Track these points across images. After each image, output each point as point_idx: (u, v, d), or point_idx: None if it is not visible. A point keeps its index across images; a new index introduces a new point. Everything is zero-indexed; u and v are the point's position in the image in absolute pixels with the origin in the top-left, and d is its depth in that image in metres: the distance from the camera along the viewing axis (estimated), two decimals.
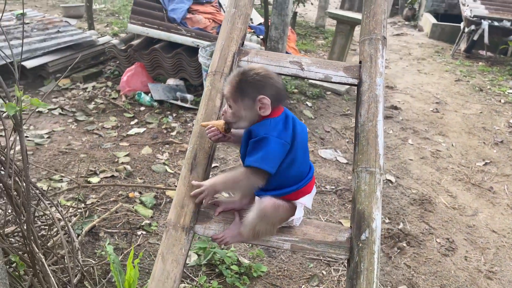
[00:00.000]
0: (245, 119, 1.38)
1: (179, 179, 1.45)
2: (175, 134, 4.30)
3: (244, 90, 1.35)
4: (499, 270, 2.84)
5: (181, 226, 1.39)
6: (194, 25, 5.34)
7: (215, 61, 1.58)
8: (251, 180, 1.35)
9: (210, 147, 1.48)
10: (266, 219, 1.38)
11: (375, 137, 1.50)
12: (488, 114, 5.32)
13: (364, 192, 1.44)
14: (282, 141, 1.33)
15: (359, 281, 1.34)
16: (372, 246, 1.37)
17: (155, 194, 3.29)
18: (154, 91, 4.97)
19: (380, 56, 1.62)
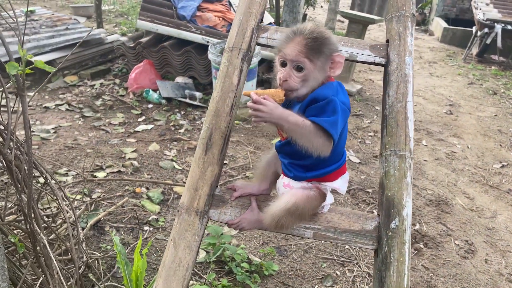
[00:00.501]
0: (312, 83, 1.23)
1: (193, 160, 1.35)
2: (183, 132, 4.20)
3: (321, 48, 1.21)
4: None
5: (195, 210, 1.28)
6: (203, 23, 5.27)
7: (233, 37, 1.49)
8: (320, 141, 1.17)
9: (227, 127, 1.38)
10: (297, 213, 1.26)
11: (405, 119, 1.38)
12: (503, 117, 5.19)
13: (393, 177, 1.32)
14: (344, 107, 1.22)
15: (388, 273, 1.22)
16: (402, 236, 1.26)
17: (162, 190, 3.19)
18: (163, 89, 4.89)
19: (410, 34, 1.51)
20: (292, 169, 1.30)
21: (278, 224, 1.26)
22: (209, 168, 1.32)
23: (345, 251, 2.77)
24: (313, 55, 1.20)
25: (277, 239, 2.83)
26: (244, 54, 1.46)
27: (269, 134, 4.22)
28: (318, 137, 1.17)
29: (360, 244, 1.31)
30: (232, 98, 1.40)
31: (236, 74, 1.43)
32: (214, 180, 1.33)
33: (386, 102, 1.44)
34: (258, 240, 2.79)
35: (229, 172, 3.53)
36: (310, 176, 1.29)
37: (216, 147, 1.35)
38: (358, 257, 2.72)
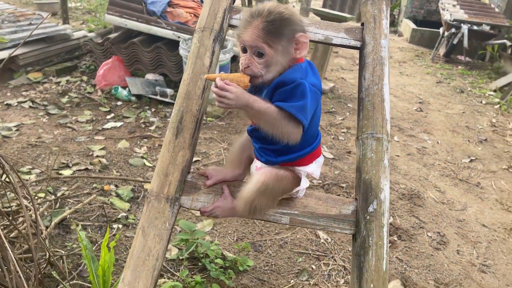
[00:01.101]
0: (277, 67, 1.17)
1: (163, 145, 1.28)
2: (154, 129, 4.09)
3: (280, 30, 1.14)
4: (493, 264, 2.75)
5: (165, 196, 1.21)
6: (174, 19, 5.17)
7: (204, 17, 1.42)
8: (287, 127, 1.12)
9: (198, 110, 1.31)
10: (267, 192, 1.19)
11: (381, 101, 1.36)
12: (471, 114, 5.31)
13: (370, 160, 1.29)
14: (314, 89, 1.16)
15: (367, 257, 1.19)
16: (381, 219, 1.22)
17: (132, 188, 3.08)
18: (132, 86, 4.75)
19: (385, 17, 1.49)
20: (263, 153, 1.25)
21: (252, 208, 1.20)
22: (180, 152, 1.25)
23: (320, 245, 2.74)
24: (273, 39, 1.13)
25: (252, 234, 2.78)
26: (216, 35, 1.40)
27: (243, 131, 4.17)
28: (285, 123, 1.12)
29: (337, 229, 1.27)
30: (203, 80, 1.34)
31: (207, 55, 1.37)
32: (185, 165, 1.26)
33: (362, 85, 1.41)
34: (232, 236, 2.73)
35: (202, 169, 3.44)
36: (281, 161, 1.24)
37: (188, 131, 1.28)
38: (334, 251, 2.70)
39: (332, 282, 2.46)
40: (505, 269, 2.70)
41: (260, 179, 1.18)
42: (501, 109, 5.53)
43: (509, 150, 4.38)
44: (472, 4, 7.99)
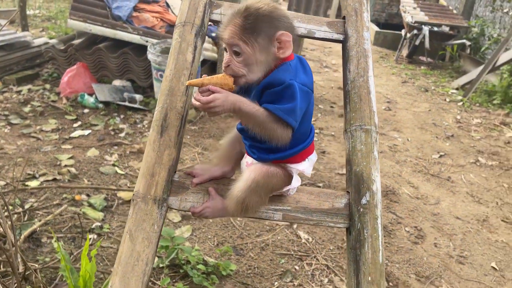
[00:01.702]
0: (259, 67, 1.12)
1: (147, 144, 1.21)
2: (124, 136, 3.98)
3: (257, 27, 1.09)
4: (469, 255, 2.81)
5: (152, 197, 1.15)
6: (141, 23, 5.06)
7: (184, 11, 1.38)
8: (276, 130, 1.10)
9: (183, 107, 1.26)
10: (258, 190, 1.15)
11: (367, 93, 1.35)
12: (436, 111, 5.47)
13: (360, 152, 1.28)
14: (305, 89, 1.12)
15: (363, 250, 1.17)
16: (374, 211, 1.21)
17: (105, 196, 2.97)
18: (99, 92, 4.61)
19: (365, 10, 1.49)
20: (255, 150, 1.21)
21: (243, 207, 1.15)
22: (166, 151, 1.20)
23: (302, 245, 2.72)
24: (248, 36, 1.09)
25: (232, 238, 2.73)
26: (197, 29, 1.36)
27: (217, 135, 4.11)
28: (273, 126, 1.10)
29: (331, 223, 1.24)
30: (187, 76, 1.29)
31: (190, 50, 1.32)
32: (172, 164, 1.20)
33: (348, 78, 1.40)
34: (212, 241, 2.67)
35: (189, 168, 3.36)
36: (274, 158, 1.20)
37: (173, 128, 1.22)
38: (315, 250, 2.68)
39: (316, 281, 2.45)
40: (481, 259, 2.77)
41: (251, 177, 1.14)
42: (464, 106, 5.72)
43: (475, 145, 4.53)
44: (431, 6, 8.27)
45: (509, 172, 3.99)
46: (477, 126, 5.07)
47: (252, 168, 1.18)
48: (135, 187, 1.17)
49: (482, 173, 3.93)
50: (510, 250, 2.88)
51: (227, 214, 1.21)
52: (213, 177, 1.25)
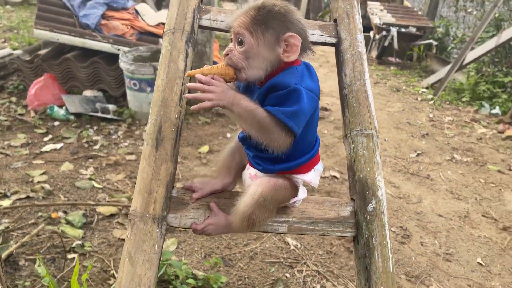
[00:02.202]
0: (259, 63, 1.07)
1: (142, 159, 1.14)
2: (99, 148, 3.83)
3: (267, 21, 1.04)
4: (455, 252, 2.84)
5: (151, 216, 1.07)
6: (110, 31, 4.92)
7: (173, 18, 1.31)
8: (277, 134, 1.04)
9: (177, 118, 1.19)
10: (266, 204, 1.09)
11: (365, 97, 1.32)
12: (410, 111, 5.57)
13: (363, 157, 1.25)
14: (311, 95, 1.07)
15: (373, 259, 1.13)
16: (381, 218, 1.18)
17: (84, 212, 2.84)
18: (70, 104, 4.44)
19: (357, 12, 1.47)
20: (260, 161, 1.15)
21: (250, 223, 1.09)
22: (163, 166, 1.13)
23: (291, 252, 2.68)
24: (256, 28, 1.05)
25: (220, 249, 2.65)
26: (188, 36, 1.29)
27: (195, 143, 4.03)
28: (273, 130, 1.04)
29: (338, 232, 1.20)
30: (180, 85, 1.23)
31: (181, 58, 1.26)
32: (169, 180, 1.14)
33: (344, 82, 1.37)
34: (199, 253, 2.59)
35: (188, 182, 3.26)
36: (279, 169, 1.15)
37: (168, 141, 1.16)
38: (305, 256, 2.64)
39: None
40: (467, 256, 2.80)
41: (258, 191, 1.09)
42: (435, 104, 5.85)
43: (449, 142, 4.62)
44: (397, 8, 8.46)
45: (484, 168, 4.08)
46: (449, 123, 5.19)
47: (258, 181, 1.12)
48: (132, 206, 1.09)
49: (459, 170, 4.01)
50: (493, 245, 2.93)
51: (231, 231, 1.15)
52: (213, 191, 1.19)
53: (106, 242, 2.58)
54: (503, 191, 3.67)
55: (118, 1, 5.36)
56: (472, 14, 7.36)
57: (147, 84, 4.26)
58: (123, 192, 3.15)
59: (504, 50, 6.03)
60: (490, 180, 3.83)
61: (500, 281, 2.58)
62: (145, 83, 4.25)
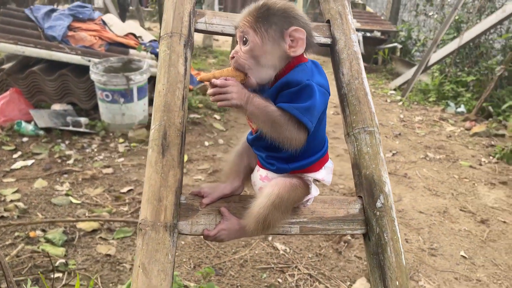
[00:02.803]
0: (267, 62, 1.06)
1: (148, 167, 1.10)
2: (73, 162, 3.70)
3: (270, 18, 1.05)
4: (439, 246, 2.91)
5: (163, 224, 1.04)
6: (78, 43, 4.79)
7: (169, 22, 1.28)
8: (292, 131, 1.03)
9: (181, 123, 1.16)
10: (282, 205, 1.08)
11: (365, 95, 1.34)
12: (381, 112, 5.70)
13: (367, 154, 1.26)
14: (323, 90, 1.07)
15: (386, 255, 1.14)
16: (390, 213, 1.19)
17: (63, 230, 2.72)
18: (39, 119, 4.27)
19: (349, 13, 1.49)
20: (274, 161, 1.14)
21: (265, 225, 1.07)
22: (171, 172, 1.09)
23: (281, 257, 2.67)
24: (259, 25, 1.06)
25: (209, 258, 2.61)
26: (185, 40, 1.27)
27: None
28: (287, 126, 1.03)
29: (348, 230, 1.20)
30: (181, 89, 1.20)
31: (181, 62, 1.23)
32: (178, 186, 1.10)
33: (342, 81, 1.38)
34: (188, 264, 2.53)
35: (138, 198, 3.18)
36: (293, 168, 1.14)
37: (174, 146, 1.12)
38: (295, 260, 2.64)
39: None
40: (450, 249, 2.88)
41: (274, 192, 1.07)
42: (404, 105, 6.02)
43: (421, 141, 4.76)
44: (361, 13, 8.69)
45: (456, 164, 4.23)
46: (419, 123, 5.35)
47: (273, 182, 1.10)
48: (141, 215, 1.05)
49: (433, 167, 4.13)
50: (474, 237, 3.03)
51: (245, 235, 1.13)
52: (223, 195, 1.16)
53: (91, 259, 2.48)
54: (476, 185, 3.80)
55: (84, 12, 5.24)
56: (433, 18, 7.66)
57: (120, 95, 4.17)
58: (103, 206, 3.05)
59: (465, 51, 6.29)
60: (463, 176, 3.97)
61: (484, 273, 2.66)
62: (118, 94, 4.16)
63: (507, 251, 2.88)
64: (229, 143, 4.27)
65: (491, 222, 3.21)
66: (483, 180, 3.90)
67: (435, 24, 7.56)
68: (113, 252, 2.55)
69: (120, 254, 2.55)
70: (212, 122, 4.71)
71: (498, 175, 4.01)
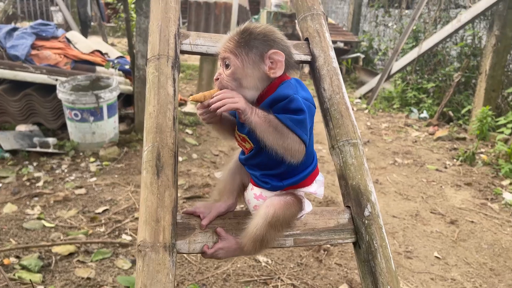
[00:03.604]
0: (248, 82, 1.11)
1: (143, 188, 1.11)
2: (43, 185, 3.60)
3: (250, 42, 1.10)
4: (414, 249, 3.02)
5: (162, 245, 1.05)
6: (42, 61, 4.69)
7: (156, 44, 1.30)
8: (294, 141, 1.06)
9: (174, 143, 1.18)
10: (278, 224, 1.11)
11: (346, 109, 1.40)
12: None
13: (353, 166, 1.31)
14: (308, 104, 1.11)
15: (377, 261, 1.19)
16: (377, 221, 1.25)
17: (39, 255, 2.64)
18: (3, 141, 4.13)
19: (326, 31, 1.56)
20: (268, 179, 1.17)
21: (263, 244, 1.11)
22: (166, 192, 1.11)
23: (263, 269, 2.69)
24: (239, 50, 1.11)
25: (191, 275, 2.60)
26: (173, 61, 1.29)
27: None
28: (288, 135, 1.07)
29: (339, 240, 1.25)
30: (172, 110, 1.22)
31: (170, 83, 1.25)
32: (174, 206, 1.12)
33: (324, 96, 1.44)
34: None
35: (114, 218, 3.13)
36: (287, 184, 1.18)
37: (169, 167, 1.14)
38: (277, 271, 2.67)
39: None
40: (424, 251, 2.99)
41: (270, 212, 1.10)
42: (370, 113, 6.22)
43: (389, 147, 4.93)
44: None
45: (423, 168, 4.40)
46: (386, 130, 5.54)
47: (268, 202, 1.13)
48: (139, 237, 1.06)
49: (402, 172, 4.28)
50: (445, 238, 3.16)
51: (242, 254, 1.15)
52: (219, 214, 1.18)
53: (70, 283, 2.42)
54: (443, 188, 3.97)
55: (47, 30, 5.14)
56: (392, 28, 7.98)
57: (89, 114, 4.10)
58: (78, 228, 2.98)
59: (424, 59, 6.58)
60: (431, 179, 4.14)
61: (458, 272, 2.78)
62: (88, 112, 4.09)
63: (477, 249, 3.03)
64: (203, 157, 4.27)
65: (460, 223, 3.36)
66: (449, 182, 4.08)
67: (394, 34, 7.88)
68: (92, 275, 2.50)
69: (100, 276, 2.50)
70: (184, 137, 4.70)
71: (462, 177, 4.21)
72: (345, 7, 10.06)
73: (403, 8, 7.71)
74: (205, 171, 3.95)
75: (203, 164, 4.11)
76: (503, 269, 2.82)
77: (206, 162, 4.17)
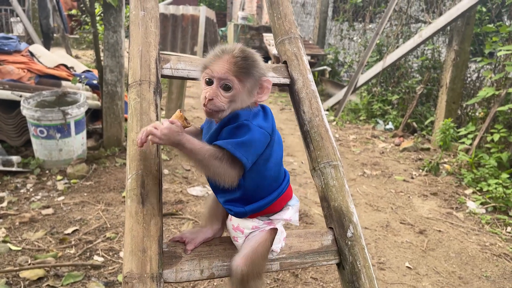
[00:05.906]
0: (239, 105, 1.15)
1: (128, 218, 1.10)
2: (7, 205, 3.46)
3: (250, 69, 1.13)
4: (386, 260, 3.09)
5: (149, 275, 1.03)
6: (5, 76, 4.53)
7: (137, 70, 1.29)
8: (223, 167, 1.08)
9: (158, 170, 1.17)
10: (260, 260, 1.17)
11: (326, 131, 1.43)
12: None
13: (334, 187, 1.34)
14: (261, 130, 1.13)
15: (361, 282, 1.22)
16: (360, 241, 1.28)
17: (6, 280, 2.53)
18: None
19: (304, 54, 1.60)
20: (231, 206, 1.18)
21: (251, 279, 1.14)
22: (152, 221, 1.10)
23: None
24: (243, 75, 1.13)
25: None
26: (155, 87, 1.29)
27: (117, 187, 3.84)
28: (218, 163, 1.09)
29: (324, 261, 1.27)
30: None
31: (152, 109, 1.25)
32: (160, 234, 1.11)
33: (304, 119, 1.47)
34: None
35: (85, 238, 3.04)
36: (250, 210, 1.17)
37: (153, 194, 1.13)
38: None
39: None
40: (396, 262, 3.07)
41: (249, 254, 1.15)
42: (338, 125, 6.35)
43: (358, 159, 5.04)
44: None
45: (391, 179, 4.52)
46: (354, 141, 5.66)
47: (246, 245, 1.17)
48: (125, 268, 1.04)
49: (372, 183, 4.38)
50: (415, 248, 3.25)
51: None
52: (205, 239, 1.18)
53: None
54: (411, 198, 4.09)
55: (9, 44, 4.98)
56: (357, 42, 8.21)
57: (56, 131, 3.98)
58: (47, 251, 2.88)
59: (388, 72, 6.80)
60: (399, 190, 4.26)
61: (429, 281, 2.86)
62: (54, 129, 3.98)
63: (446, 258, 3.13)
64: (174, 172, 4.23)
65: (428, 232, 3.47)
66: (417, 192, 4.22)
67: (358, 47, 8.10)
68: None
69: None
70: None
71: (428, 187, 4.35)
72: (310, 21, 10.27)
73: (367, 22, 7.95)
74: (177, 187, 3.91)
75: (175, 180, 4.07)
76: (471, 277, 2.93)
77: (178, 177, 4.13)
